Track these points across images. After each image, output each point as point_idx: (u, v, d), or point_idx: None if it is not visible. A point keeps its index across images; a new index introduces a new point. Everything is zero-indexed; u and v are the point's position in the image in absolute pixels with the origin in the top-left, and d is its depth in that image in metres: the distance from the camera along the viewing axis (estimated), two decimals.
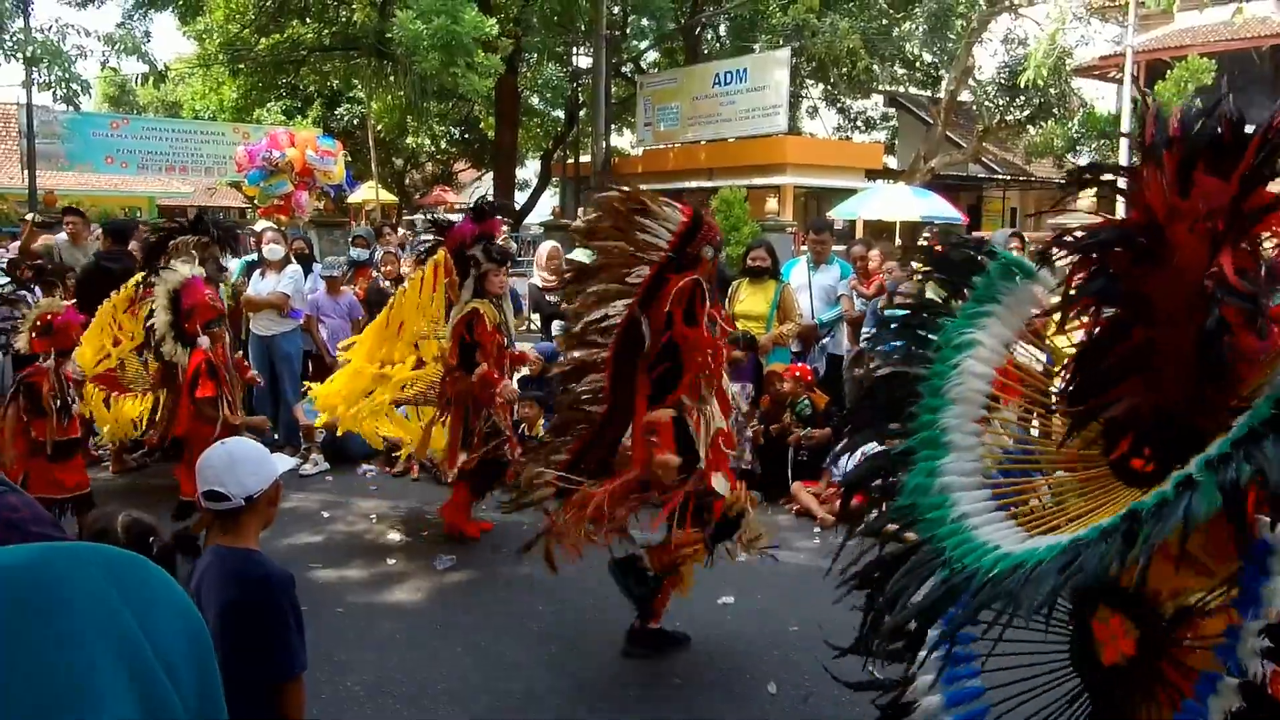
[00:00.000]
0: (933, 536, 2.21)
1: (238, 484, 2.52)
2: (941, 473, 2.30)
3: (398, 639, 4.63)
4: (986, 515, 2.23)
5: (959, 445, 2.35)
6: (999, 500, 2.30)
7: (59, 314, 5.49)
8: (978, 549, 2.07)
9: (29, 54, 15.30)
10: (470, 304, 5.76)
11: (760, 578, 5.38)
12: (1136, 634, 2.08)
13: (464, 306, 5.77)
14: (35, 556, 0.86)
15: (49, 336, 5.37)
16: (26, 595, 0.81)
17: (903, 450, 2.38)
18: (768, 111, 21.62)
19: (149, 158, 21.60)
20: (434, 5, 16.75)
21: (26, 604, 0.81)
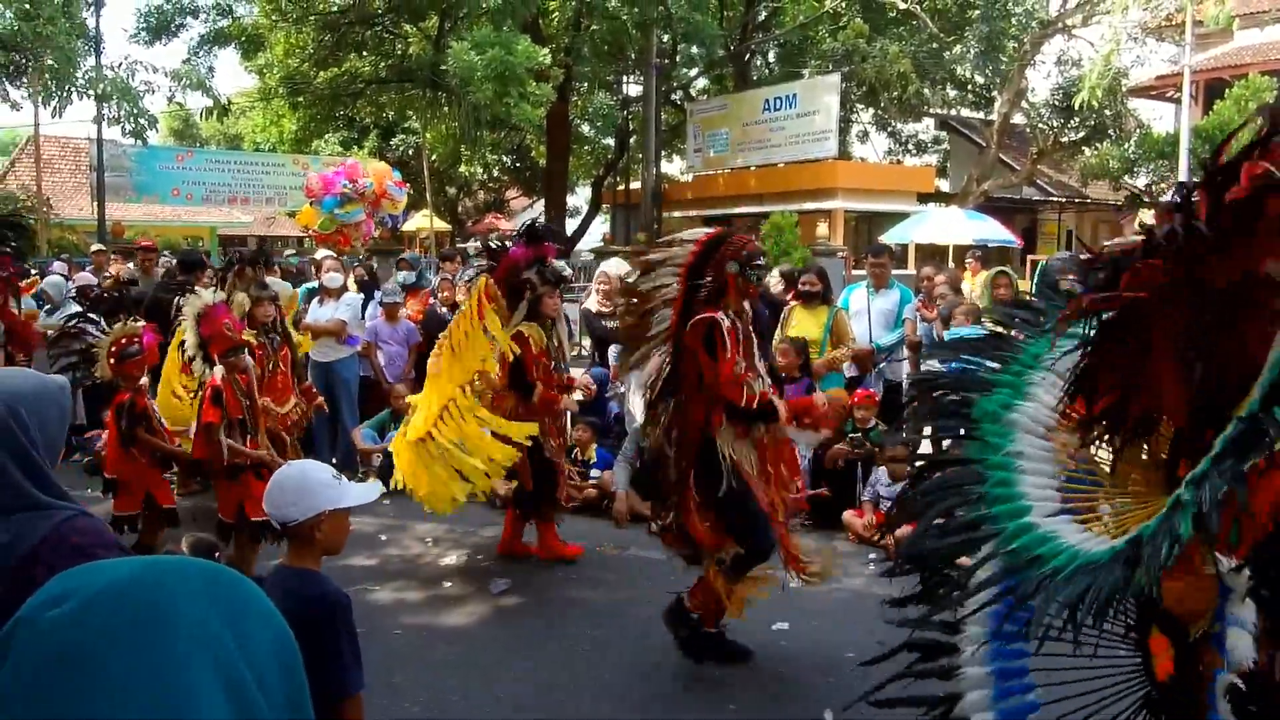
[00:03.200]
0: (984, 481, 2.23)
1: (279, 510, 2.59)
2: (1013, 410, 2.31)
3: (454, 662, 4.66)
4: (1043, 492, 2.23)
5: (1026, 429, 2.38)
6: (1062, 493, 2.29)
7: (135, 337, 5.68)
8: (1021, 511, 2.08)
9: (100, 91, 15.88)
10: (518, 326, 5.83)
11: (815, 604, 5.34)
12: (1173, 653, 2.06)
13: (512, 329, 5.83)
14: (140, 572, 0.90)
15: (133, 360, 5.57)
16: (132, 609, 0.85)
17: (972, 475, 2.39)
18: (818, 136, 21.62)
19: (213, 189, 22.24)
20: (488, 37, 17.07)
21: (132, 618, 0.85)
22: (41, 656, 0.83)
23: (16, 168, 26.98)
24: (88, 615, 0.85)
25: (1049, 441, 2.38)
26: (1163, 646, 2.07)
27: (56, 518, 1.95)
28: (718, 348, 4.15)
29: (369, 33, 22.60)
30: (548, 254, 6.06)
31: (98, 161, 19.08)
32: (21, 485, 1.92)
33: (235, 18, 21.76)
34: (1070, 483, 2.36)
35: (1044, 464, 2.32)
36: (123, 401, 5.55)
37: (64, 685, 0.82)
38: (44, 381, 2.08)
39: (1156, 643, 2.10)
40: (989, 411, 2.44)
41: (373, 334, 8.35)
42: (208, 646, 0.86)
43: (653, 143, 22.57)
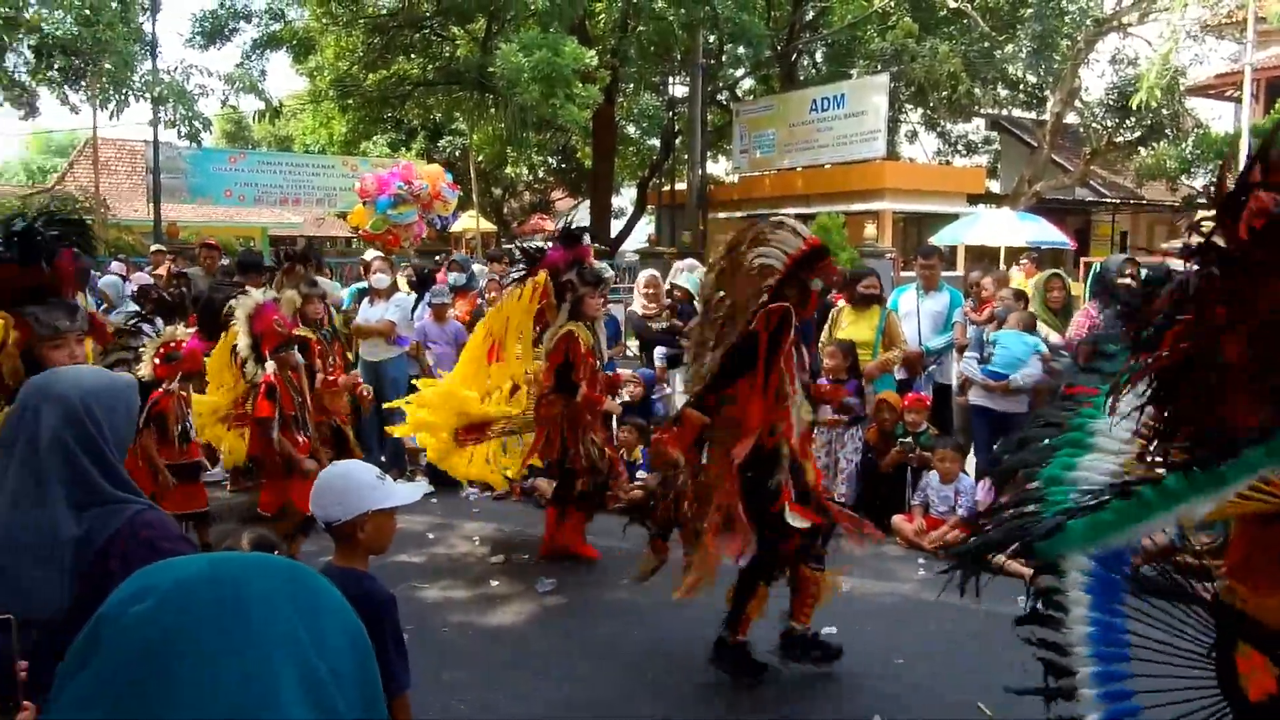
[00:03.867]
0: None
1: (323, 510, 2.62)
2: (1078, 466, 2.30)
3: (502, 661, 4.68)
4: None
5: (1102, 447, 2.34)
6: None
7: (182, 341, 5.76)
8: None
9: (156, 94, 16.19)
10: (565, 326, 5.84)
11: (865, 609, 5.29)
12: (1277, 671, 1.98)
13: (559, 329, 5.85)
14: (217, 568, 0.91)
15: (174, 363, 5.64)
16: (211, 606, 0.86)
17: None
18: (866, 137, 21.45)
19: (264, 190, 22.61)
20: (535, 39, 17.16)
21: (211, 615, 0.85)
22: (127, 653, 0.84)
23: (75, 169, 27.65)
24: (168, 612, 0.86)
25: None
26: (1259, 664, 2.01)
27: (128, 512, 1.99)
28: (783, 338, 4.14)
29: (417, 35, 22.82)
30: (585, 255, 6.09)
31: (153, 163, 19.47)
32: (95, 480, 1.96)
33: (287, 21, 22.07)
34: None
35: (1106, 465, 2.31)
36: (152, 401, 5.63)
37: (148, 681, 0.82)
38: (113, 379, 2.13)
39: (1250, 661, 2.03)
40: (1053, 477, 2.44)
41: (421, 334, 8.42)
42: (286, 643, 0.86)
43: (698, 143, 22.53)
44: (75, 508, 1.94)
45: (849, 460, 6.80)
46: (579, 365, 5.81)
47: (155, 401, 5.60)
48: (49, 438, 1.95)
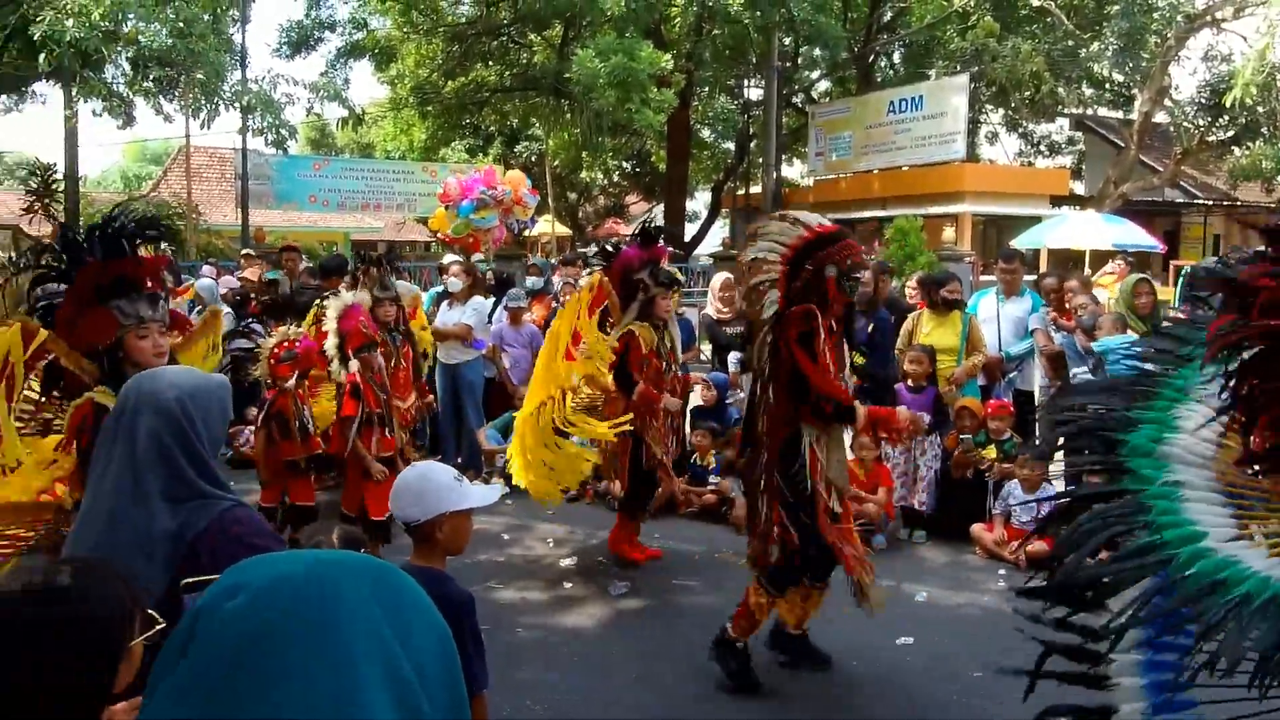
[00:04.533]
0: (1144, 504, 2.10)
1: (401, 510, 2.65)
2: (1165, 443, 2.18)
3: (575, 663, 4.71)
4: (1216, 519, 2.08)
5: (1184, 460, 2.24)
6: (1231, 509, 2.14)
7: (295, 340, 5.96)
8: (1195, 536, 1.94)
9: (245, 103, 16.70)
10: (628, 325, 5.85)
11: (942, 619, 5.19)
12: None
13: (621, 328, 5.86)
14: (309, 566, 0.93)
15: (292, 361, 5.85)
16: (303, 604, 0.88)
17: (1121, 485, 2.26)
18: (945, 138, 21.09)
19: (347, 196, 23.17)
20: (611, 44, 17.26)
21: (303, 612, 0.87)
22: (220, 647, 0.86)
23: (169, 176, 28.68)
24: (261, 608, 0.88)
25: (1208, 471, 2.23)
26: None
27: (219, 507, 2.06)
28: (813, 339, 4.06)
29: (495, 43, 23.15)
30: (661, 256, 6.09)
31: (242, 170, 20.09)
32: (189, 476, 2.04)
33: (370, 30, 22.59)
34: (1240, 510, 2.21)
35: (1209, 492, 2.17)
36: (269, 400, 5.84)
37: (240, 676, 0.85)
38: (207, 379, 2.21)
39: None
40: (1138, 446, 2.31)
41: (498, 337, 8.52)
42: (374, 643, 0.88)
43: (773, 146, 22.40)
44: (170, 502, 2.03)
45: (929, 467, 6.68)
46: (635, 364, 5.82)
47: (273, 400, 5.80)
48: (146, 435, 2.03)
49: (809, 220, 4.22)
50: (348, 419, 5.54)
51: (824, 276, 4.04)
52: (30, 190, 22.12)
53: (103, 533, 2.03)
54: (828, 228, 4.19)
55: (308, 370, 5.96)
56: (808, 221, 4.20)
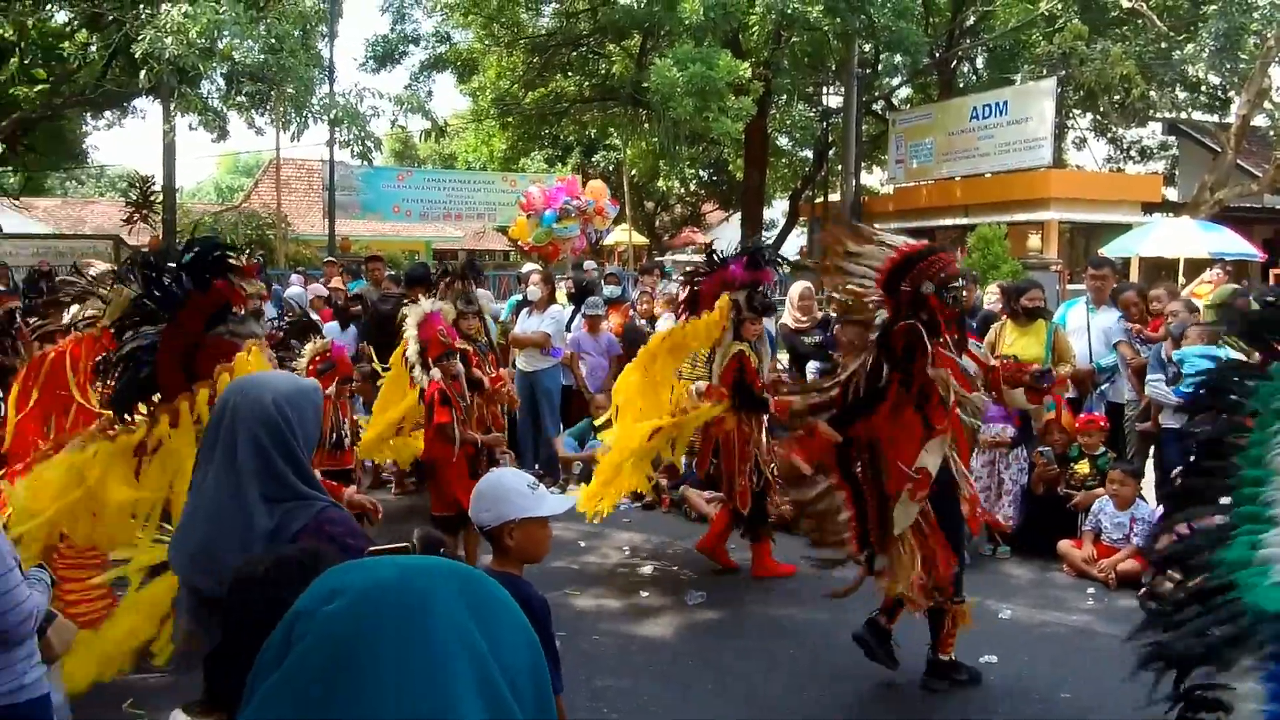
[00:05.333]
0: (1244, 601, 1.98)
1: (476, 515, 2.68)
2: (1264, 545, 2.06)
3: (651, 671, 4.71)
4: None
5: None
6: None
7: (329, 349, 6.07)
8: None
9: (332, 116, 17.16)
10: (735, 345, 5.86)
11: (1028, 638, 5.06)
12: None
13: (728, 349, 5.87)
14: (403, 572, 0.95)
15: (331, 372, 5.97)
16: (398, 610, 0.90)
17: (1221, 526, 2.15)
18: (1030, 144, 20.59)
19: (429, 206, 23.64)
20: (689, 53, 17.29)
21: (398, 618, 0.89)
22: (317, 651, 0.88)
23: (260, 188, 29.60)
24: (357, 613, 0.90)
25: None
26: None
27: (315, 508, 2.12)
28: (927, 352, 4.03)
29: (574, 54, 23.38)
30: (764, 280, 6.09)
31: (329, 181, 20.63)
32: (286, 477, 2.11)
33: (452, 44, 23.02)
34: None
35: None
36: None
37: (337, 679, 0.86)
38: (301, 383, 2.28)
39: None
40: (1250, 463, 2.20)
41: (575, 345, 8.59)
42: (466, 648, 0.89)
43: (853, 154, 22.16)
44: (268, 501, 2.10)
45: (1014, 481, 6.51)
46: (756, 383, 5.83)
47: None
48: (246, 438, 2.11)
49: (895, 241, 4.20)
50: (443, 425, 5.62)
51: (923, 295, 4.02)
52: (130, 202, 23.09)
53: (206, 531, 2.11)
54: (915, 246, 4.16)
55: (347, 379, 6.04)
56: (894, 242, 4.17)
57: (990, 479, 6.54)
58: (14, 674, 2.55)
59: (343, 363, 6.05)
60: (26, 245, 19.65)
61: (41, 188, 31.11)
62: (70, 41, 20.27)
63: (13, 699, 2.54)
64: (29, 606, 2.53)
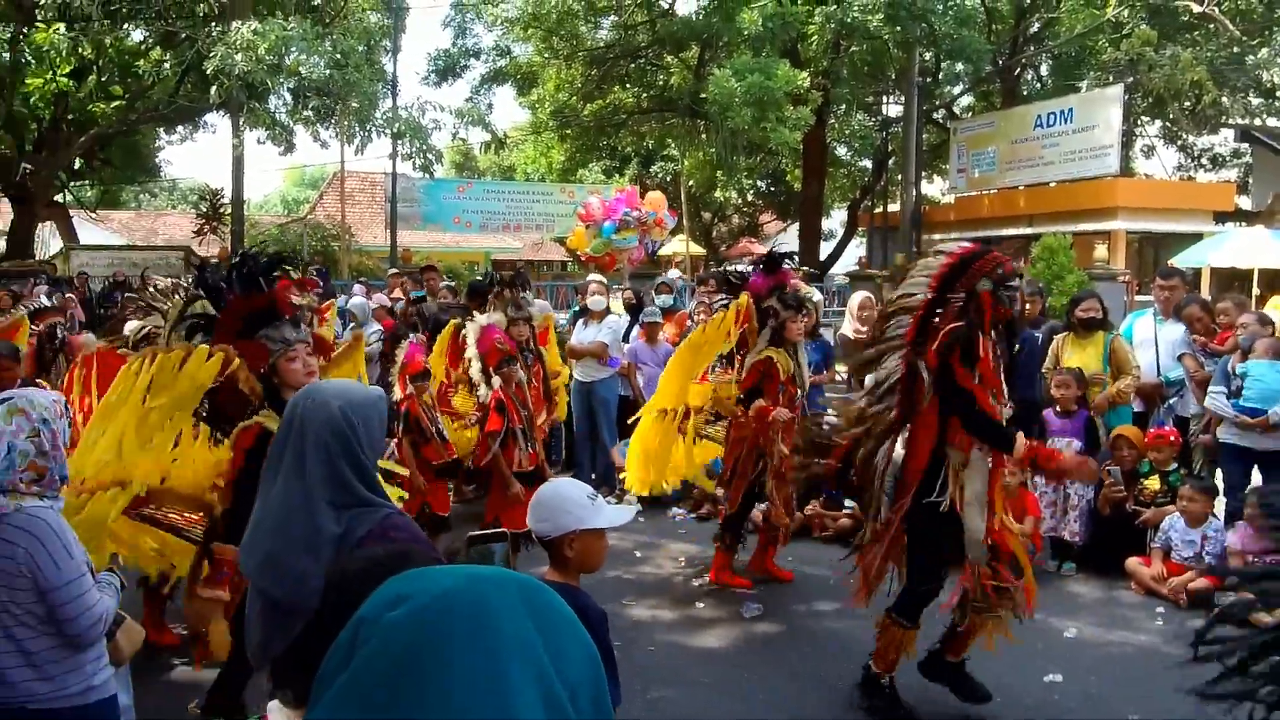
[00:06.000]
0: None
1: (535, 525, 2.68)
2: None
3: (707, 683, 4.69)
4: None
5: None
6: None
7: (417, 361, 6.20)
8: None
9: (395, 130, 17.48)
10: (765, 352, 5.82)
11: (1094, 658, 4.94)
12: None
13: (758, 354, 5.83)
14: (466, 581, 0.96)
15: (402, 370, 6.11)
16: (461, 620, 0.91)
17: None
18: (1096, 152, 20.19)
19: (489, 217, 23.94)
20: (747, 63, 17.28)
21: (462, 627, 0.90)
22: (381, 657, 0.90)
23: (325, 200, 30.23)
24: (422, 620, 0.91)
25: None
26: None
27: (380, 514, 2.17)
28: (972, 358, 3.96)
29: (633, 66, 23.51)
30: (786, 280, 6.06)
31: (392, 193, 21.00)
32: (353, 484, 2.15)
33: (512, 58, 23.30)
34: None
35: None
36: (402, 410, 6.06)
37: (400, 686, 0.88)
38: (366, 390, 2.33)
39: None
40: None
41: (633, 355, 8.60)
42: (528, 658, 0.90)
43: (913, 163, 21.93)
44: (335, 508, 2.14)
45: (1080, 496, 6.36)
46: (770, 390, 5.79)
47: (406, 410, 6.03)
48: (313, 445, 2.16)
49: (951, 248, 4.17)
50: (493, 433, 5.69)
51: (978, 293, 3.97)
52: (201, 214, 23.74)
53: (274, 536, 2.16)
54: (970, 248, 4.12)
55: (421, 375, 6.16)
56: (949, 249, 4.16)
57: (1056, 494, 6.40)
58: (83, 675, 2.62)
59: (411, 361, 6.17)
60: (103, 256, 20.33)
61: (117, 201, 32.15)
62: (145, 59, 20.97)
63: (83, 699, 2.62)
64: (99, 611, 2.60)
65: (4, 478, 2.54)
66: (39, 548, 2.51)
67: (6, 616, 2.53)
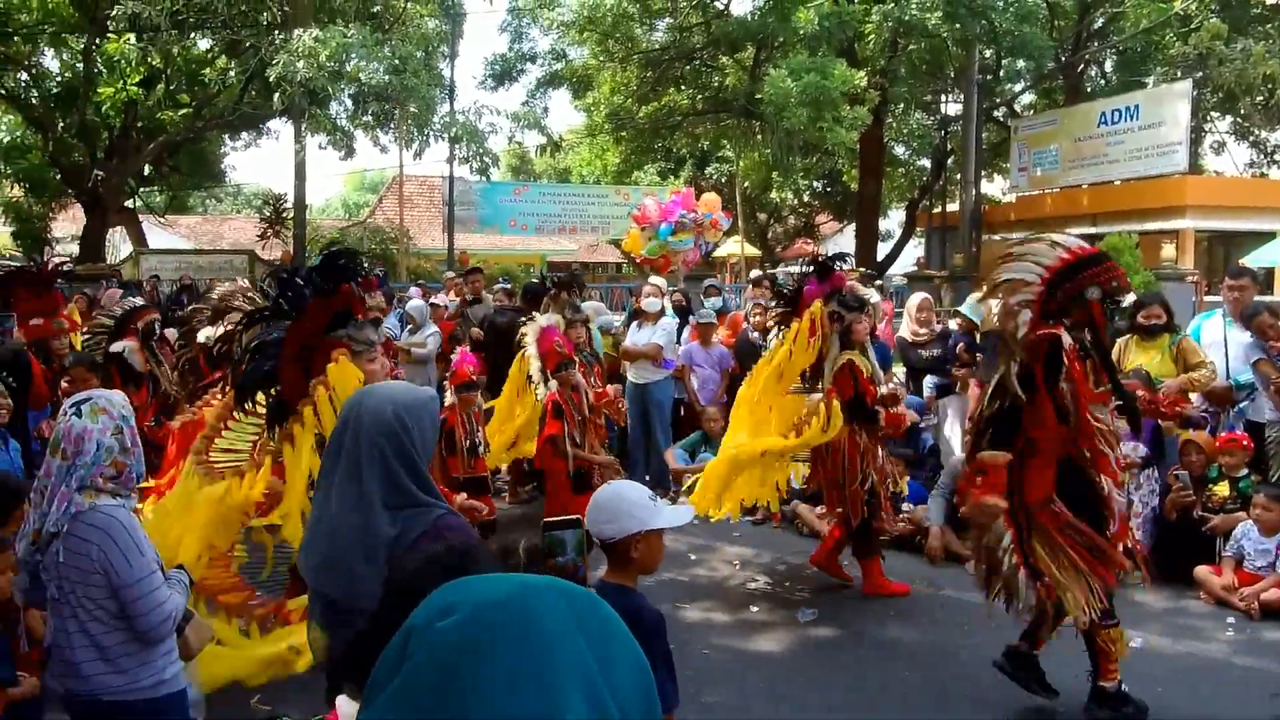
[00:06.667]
0: None
1: (596, 527, 2.67)
2: None
3: (762, 688, 4.66)
4: None
5: None
6: None
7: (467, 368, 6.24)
8: None
9: (453, 134, 17.69)
10: (844, 355, 5.76)
11: (1162, 669, 4.81)
12: None
13: (837, 359, 5.78)
14: (517, 590, 0.96)
15: (451, 378, 6.15)
16: (511, 629, 0.91)
17: None
18: (1164, 149, 19.67)
19: (545, 220, 24.10)
20: (804, 63, 17.16)
21: (511, 636, 0.90)
22: (431, 665, 0.90)
23: (384, 204, 30.69)
24: (471, 629, 0.91)
25: None
26: None
27: (433, 515, 2.19)
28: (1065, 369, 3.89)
29: (688, 67, 23.48)
30: (840, 284, 5.99)
31: (449, 197, 21.24)
32: (405, 484, 2.18)
33: (568, 61, 23.42)
34: None
35: None
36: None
37: (449, 695, 0.88)
38: (418, 392, 2.35)
39: None
40: None
41: (688, 357, 8.59)
42: (577, 669, 0.90)
43: (973, 162, 21.58)
44: (389, 509, 2.17)
45: (1144, 503, 6.21)
46: (869, 394, 5.74)
47: (444, 419, 6.09)
48: (368, 447, 2.19)
49: (1069, 243, 4.09)
50: (554, 436, 5.71)
51: (1086, 300, 3.94)
52: (264, 218, 24.27)
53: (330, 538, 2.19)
54: (1088, 250, 4.05)
55: (467, 385, 6.17)
56: (1068, 244, 4.07)
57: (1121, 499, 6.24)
58: (154, 669, 2.70)
59: (460, 371, 6.22)
60: (170, 260, 20.88)
61: (184, 205, 33.00)
62: (211, 68, 21.50)
63: (154, 692, 2.70)
64: (169, 607, 2.68)
65: (88, 474, 2.63)
66: (112, 546, 2.59)
67: (81, 612, 2.61)
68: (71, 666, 2.64)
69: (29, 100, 21.60)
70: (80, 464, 2.64)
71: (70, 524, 2.60)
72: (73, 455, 2.64)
